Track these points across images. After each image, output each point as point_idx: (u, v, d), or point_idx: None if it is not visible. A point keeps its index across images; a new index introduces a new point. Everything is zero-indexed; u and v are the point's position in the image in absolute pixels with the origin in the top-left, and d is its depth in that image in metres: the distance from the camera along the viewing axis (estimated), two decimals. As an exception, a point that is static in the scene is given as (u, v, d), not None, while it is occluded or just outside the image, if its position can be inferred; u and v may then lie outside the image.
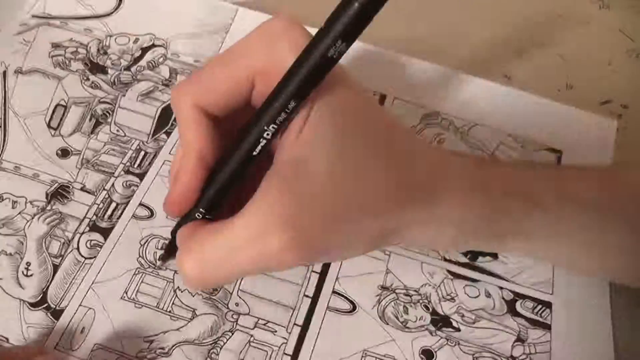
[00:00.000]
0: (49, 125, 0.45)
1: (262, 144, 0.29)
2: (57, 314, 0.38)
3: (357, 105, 0.31)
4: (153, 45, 0.50)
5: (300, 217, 0.28)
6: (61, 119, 0.45)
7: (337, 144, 0.29)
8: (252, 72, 0.30)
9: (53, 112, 0.45)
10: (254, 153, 0.29)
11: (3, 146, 0.44)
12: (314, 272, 0.41)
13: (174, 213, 0.32)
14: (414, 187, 0.31)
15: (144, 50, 0.49)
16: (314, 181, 0.29)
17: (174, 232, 0.33)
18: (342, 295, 0.40)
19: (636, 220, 0.36)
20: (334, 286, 0.40)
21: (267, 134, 0.29)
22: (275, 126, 0.28)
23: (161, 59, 0.49)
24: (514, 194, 0.34)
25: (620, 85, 0.52)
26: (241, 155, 0.30)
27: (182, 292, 0.39)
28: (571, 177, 0.37)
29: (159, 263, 0.40)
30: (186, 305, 0.39)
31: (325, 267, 0.41)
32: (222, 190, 0.31)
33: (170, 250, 0.34)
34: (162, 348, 0.37)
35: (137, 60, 0.49)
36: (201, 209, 0.31)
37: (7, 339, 0.37)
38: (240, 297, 0.39)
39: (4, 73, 0.47)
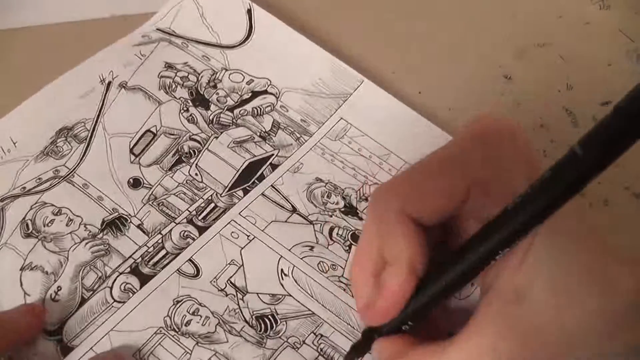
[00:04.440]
0: (131, 150, 0.44)
1: (490, 264, 0.28)
2: (66, 350, 0.36)
3: (578, 231, 0.30)
4: (265, 92, 0.47)
5: (521, 354, 0.28)
6: (146, 147, 0.44)
7: (561, 275, 0.28)
8: (470, 182, 0.29)
9: (141, 137, 0.44)
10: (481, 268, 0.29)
11: (81, 160, 0.43)
12: None
13: (377, 322, 0.31)
14: (613, 318, 0.30)
15: (255, 95, 0.47)
16: (537, 314, 0.28)
17: (366, 335, 0.33)
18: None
19: None
20: None
21: (498, 256, 0.28)
22: (509, 248, 0.27)
23: (268, 108, 0.46)
24: None
25: (620, 86, 0.49)
26: (462, 271, 0.29)
27: (190, 371, 0.37)
28: None
29: None
30: (184, 389, 0.36)
31: None
32: (435, 303, 0.30)
33: (358, 350, 0.34)
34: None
35: (243, 102, 0.47)
36: (408, 322, 0.31)
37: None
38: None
39: (109, 84, 0.46)
